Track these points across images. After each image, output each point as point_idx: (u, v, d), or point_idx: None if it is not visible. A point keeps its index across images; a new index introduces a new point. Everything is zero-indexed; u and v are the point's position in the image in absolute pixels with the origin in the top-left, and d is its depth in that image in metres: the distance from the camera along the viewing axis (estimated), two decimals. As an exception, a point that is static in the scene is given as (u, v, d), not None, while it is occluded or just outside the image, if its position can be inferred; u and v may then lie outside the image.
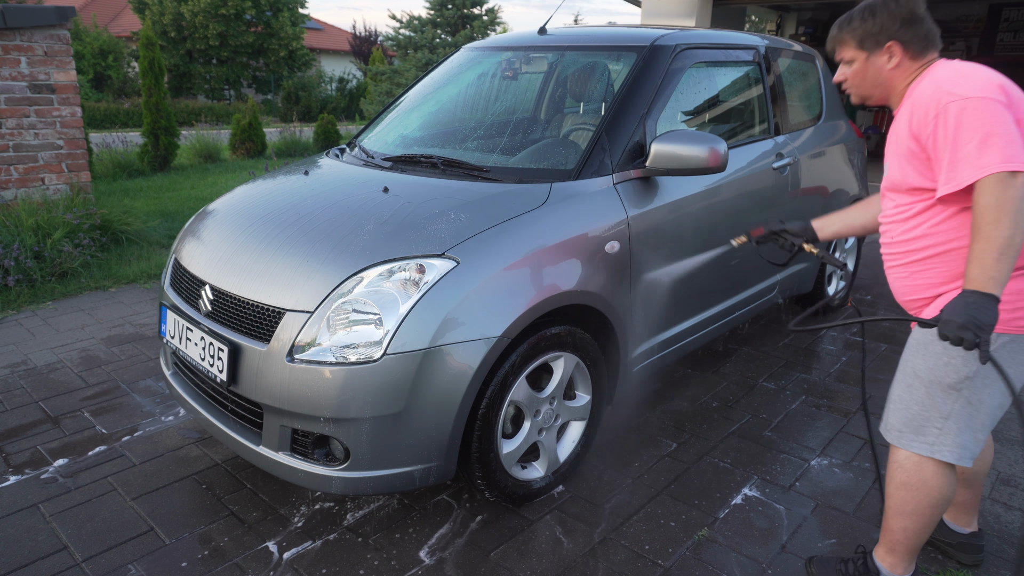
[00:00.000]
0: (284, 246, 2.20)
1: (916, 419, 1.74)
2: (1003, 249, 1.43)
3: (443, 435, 2.02)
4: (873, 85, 1.75)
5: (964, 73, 1.58)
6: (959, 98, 1.51)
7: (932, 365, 1.69)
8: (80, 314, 4.04)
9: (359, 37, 27.43)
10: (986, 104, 1.49)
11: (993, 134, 1.46)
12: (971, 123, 1.48)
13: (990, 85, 1.53)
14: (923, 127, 1.57)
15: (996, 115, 1.48)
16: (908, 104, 1.65)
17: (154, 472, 2.54)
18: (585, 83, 3.01)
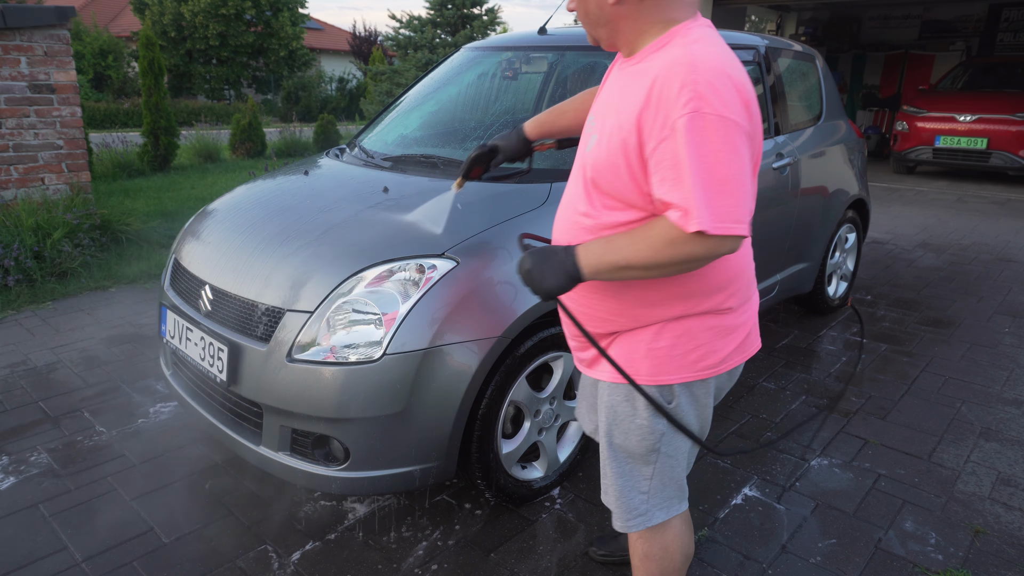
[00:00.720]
0: (284, 246, 2.20)
1: (625, 498, 1.56)
2: (630, 266, 1.26)
3: (443, 435, 2.02)
4: (597, 21, 1.36)
5: (725, 74, 1.21)
6: (712, 113, 1.17)
7: (624, 437, 1.51)
8: (80, 314, 4.04)
9: (359, 37, 27.43)
10: (736, 134, 1.19)
11: (735, 180, 1.18)
12: (715, 153, 1.17)
13: (744, 108, 1.22)
14: (653, 128, 1.22)
15: (742, 154, 1.20)
16: (647, 75, 1.26)
17: (154, 472, 2.54)
18: (585, 83, 3.01)
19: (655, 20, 1.31)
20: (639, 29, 1.33)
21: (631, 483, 1.54)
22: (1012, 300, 4.61)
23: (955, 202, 8.10)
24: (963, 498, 2.46)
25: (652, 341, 1.41)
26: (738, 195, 1.18)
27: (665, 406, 1.45)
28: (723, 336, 1.43)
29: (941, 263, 5.49)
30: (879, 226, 6.73)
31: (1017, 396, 3.24)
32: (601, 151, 1.33)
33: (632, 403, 1.48)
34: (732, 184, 1.18)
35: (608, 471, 1.57)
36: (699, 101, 1.16)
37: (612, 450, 1.54)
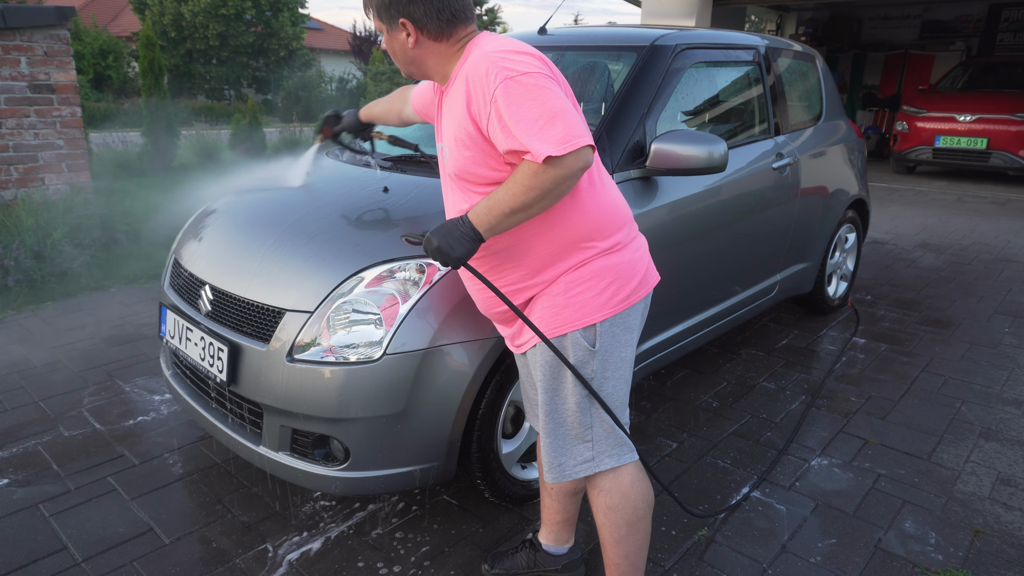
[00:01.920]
0: (284, 246, 2.20)
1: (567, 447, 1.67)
2: (516, 209, 1.44)
3: (443, 435, 2.02)
4: (405, 62, 1.59)
5: (513, 48, 1.46)
6: (517, 74, 1.40)
7: (558, 385, 1.63)
8: (80, 314, 4.04)
9: (359, 37, 27.41)
10: (542, 79, 1.42)
11: (558, 111, 1.39)
12: (532, 99, 1.40)
13: (540, 61, 1.47)
14: (481, 109, 1.44)
15: (554, 92, 1.42)
16: (461, 82, 1.49)
17: (154, 472, 2.54)
18: (585, 83, 3.01)
19: (452, 50, 1.55)
20: (443, 60, 1.56)
21: (574, 433, 1.65)
22: (1012, 300, 4.61)
23: (955, 202, 8.10)
24: (963, 498, 2.46)
25: (566, 291, 1.58)
26: (566, 118, 1.38)
27: (560, 353, 1.58)
28: (626, 271, 1.61)
29: (941, 263, 5.49)
30: (879, 226, 6.73)
31: (1017, 396, 3.24)
32: (455, 152, 1.54)
33: (568, 348, 1.61)
34: (556, 113, 1.38)
35: (549, 429, 1.66)
36: (504, 71, 1.40)
37: (552, 406, 1.65)
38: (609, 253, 1.59)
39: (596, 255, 1.58)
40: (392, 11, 1.50)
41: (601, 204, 1.59)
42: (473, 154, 1.50)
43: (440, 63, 1.56)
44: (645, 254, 1.69)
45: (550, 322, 1.60)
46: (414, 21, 1.50)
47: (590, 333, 1.59)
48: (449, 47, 1.53)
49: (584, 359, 1.61)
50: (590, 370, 1.61)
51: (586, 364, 1.61)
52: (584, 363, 1.61)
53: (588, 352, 1.60)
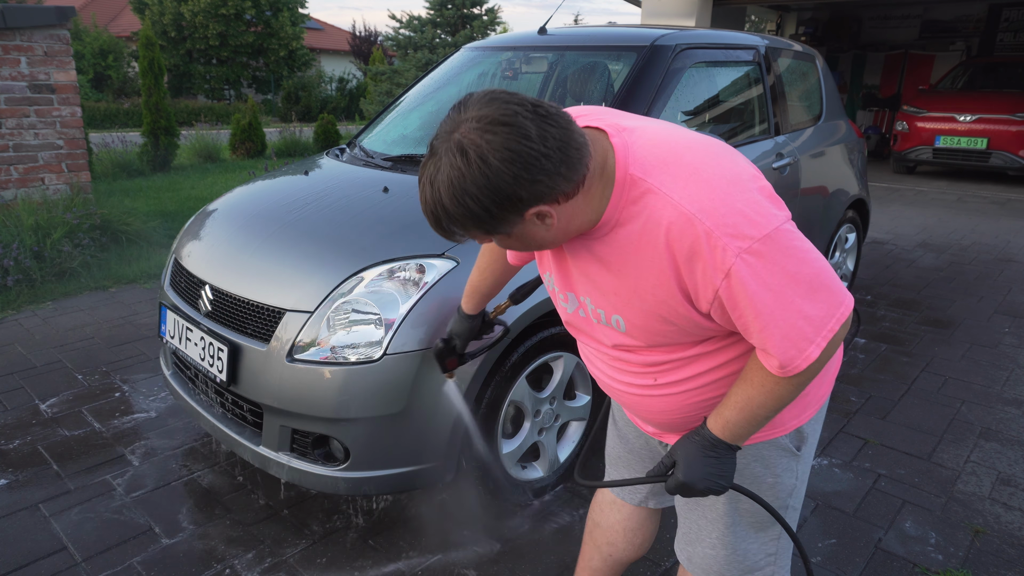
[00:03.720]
0: (284, 246, 2.20)
1: (747, 560, 1.38)
2: (781, 404, 1.15)
3: (443, 435, 2.02)
4: (549, 243, 1.09)
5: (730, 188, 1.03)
6: (767, 234, 1.01)
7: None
8: (80, 314, 4.04)
9: (359, 37, 27.42)
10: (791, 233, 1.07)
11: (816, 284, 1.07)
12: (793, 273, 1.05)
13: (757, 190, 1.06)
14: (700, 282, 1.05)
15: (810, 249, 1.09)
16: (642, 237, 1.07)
17: (154, 472, 2.54)
18: (585, 83, 3.01)
19: (593, 191, 1.05)
20: (588, 210, 1.07)
21: (756, 547, 1.37)
22: (1012, 300, 4.61)
23: (955, 202, 8.10)
24: (963, 498, 2.46)
25: None
26: (818, 302, 1.03)
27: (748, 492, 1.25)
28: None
29: (941, 263, 5.48)
30: (879, 226, 6.73)
31: (1017, 396, 3.24)
32: (636, 329, 1.16)
33: (763, 462, 1.31)
34: (805, 299, 1.02)
35: (727, 540, 1.36)
36: (736, 240, 0.99)
37: (735, 515, 1.35)
38: None
39: None
40: (509, 214, 0.99)
41: None
42: (671, 329, 1.14)
43: (587, 214, 1.07)
44: None
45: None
46: (545, 199, 1.00)
47: (796, 437, 1.31)
48: (587, 191, 1.05)
49: (788, 465, 1.32)
50: (792, 477, 1.33)
51: (790, 471, 1.32)
52: (786, 470, 1.32)
53: (792, 456, 1.31)
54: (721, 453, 1.16)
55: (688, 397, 1.24)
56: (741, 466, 1.31)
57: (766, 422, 1.14)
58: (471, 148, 0.94)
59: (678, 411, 1.27)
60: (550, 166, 0.96)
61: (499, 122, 0.94)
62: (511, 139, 0.94)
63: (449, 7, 11.45)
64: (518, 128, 0.94)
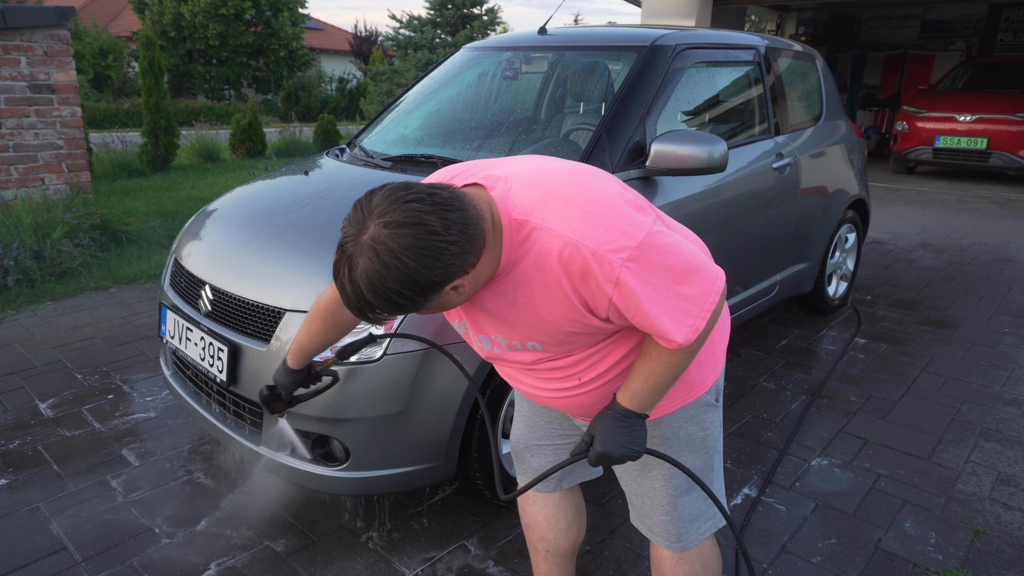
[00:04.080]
0: (284, 246, 2.20)
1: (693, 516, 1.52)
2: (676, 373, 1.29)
3: (443, 435, 2.02)
4: (452, 307, 1.19)
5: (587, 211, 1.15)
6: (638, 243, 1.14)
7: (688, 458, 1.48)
8: (80, 314, 4.04)
9: (359, 37, 27.43)
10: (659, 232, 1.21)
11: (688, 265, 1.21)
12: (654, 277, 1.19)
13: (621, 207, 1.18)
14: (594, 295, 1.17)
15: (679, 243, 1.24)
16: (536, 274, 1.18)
17: (154, 472, 2.54)
18: (585, 83, 3.01)
19: (491, 247, 1.15)
20: (490, 264, 1.16)
21: (696, 498, 1.51)
22: (1012, 300, 4.61)
23: (955, 202, 8.10)
24: (963, 498, 2.46)
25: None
26: (694, 284, 1.16)
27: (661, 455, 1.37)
28: (722, 332, 1.48)
29: (941, 263, 5.49)
30: (879, 226, 6.73)
31: (1017, 396, 3.24)
32: (551, 345, 1.28)
33: (694, 420, 1.46)
34: (683, 284, 1.15)
35: (674, 502, 1.49)
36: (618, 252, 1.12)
37: (674, 481, 1.47)
38: None
39: None
40: (428, 295, 1.08)
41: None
42: (578, 339, 1.27)
43: (489, 266, 1.17)
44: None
45: (688, 389, 1.42)
46: (457, 275, 1.09)
47: (715, 392, 1.47)
48: (487, 251, 1.14)
49: (713, 416, 1.48)
50: (717, 426, 1.49)
51: (715, 420, 1.49)
52: (714, 420, 1.49)
53: (714, 407, 1.47)
54: (632, 422, 1.28)
55: (613, 385, 1.37)
56: (676, 429, 1.45)
57: (667, 389, 1.28)
58: (383, 251, 1.02)
59: (607, 400, 1.39)
60: (457, 250, 1.06)
61: (405, 224, 1.02)
62: (419, 238, 1.02)
63: (449, 7, 11.45)
64: (423, 227, 1.02)
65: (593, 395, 1.38)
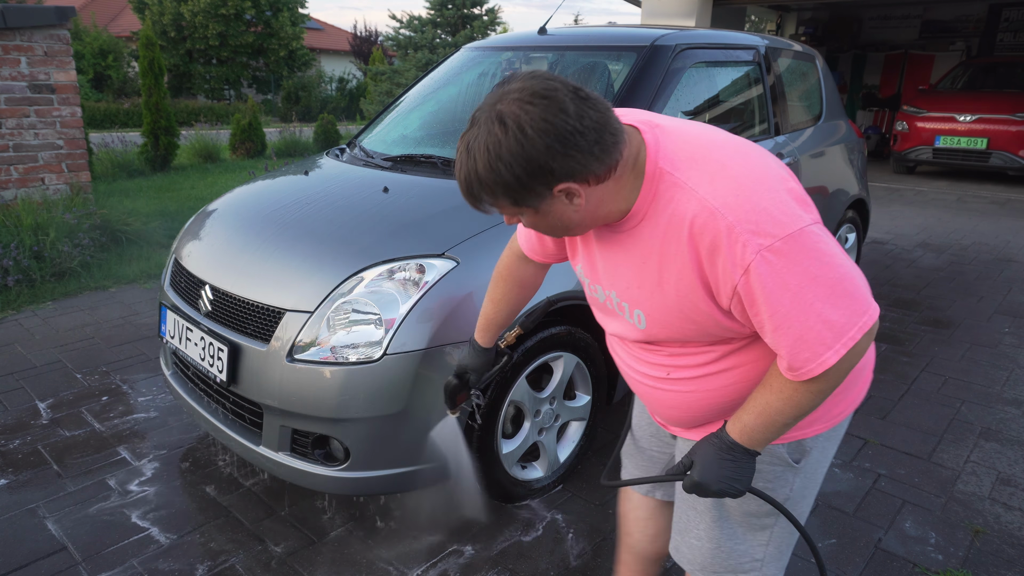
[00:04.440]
0: (284, 246, 2.20)
1: (732, 559, 1.36)
2: (804, 412, 1.14)
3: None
4: (575, 226, 1.11)
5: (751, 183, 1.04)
6: (791, 233, 1.00)
7: (741, 501, 1.31)
8: (80, 314, 4.04)
9: (359, 37, 27.42)
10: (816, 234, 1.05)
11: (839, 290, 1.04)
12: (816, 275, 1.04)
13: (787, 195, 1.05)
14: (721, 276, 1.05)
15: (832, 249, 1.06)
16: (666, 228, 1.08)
17: (153, 472, 2.54)
18: (585, 83, 3.00)
19: (624, 179, 1.07)
20: (619, 198, 1.08)
21: (743, 548, 1.34)
22: (1012, 300, 4.61)
23: (955, 202, 8.10)
24: (963, 498, 2.46)
25: None
26: (840, 308, 1.00)
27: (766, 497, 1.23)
28: (859, 371, 1.25)
29: (941, 263, 5.48)
30: (879, 226, 6.73)
31: (1017, 396, 3.24)
32: (656, 324, 1.17)
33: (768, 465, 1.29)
34: (826, 303, 1.00)
35: (713, 534, 1.35)
36: (757, 237, 0.99)
37: (722, 510, 1.33)
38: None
39: None
40: (538, 186, 1.01)
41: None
42: (697, 325, 1.14)
43: (616, 203, 1.09)
44: (870, 359, 1.28)
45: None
46: (576, 176, 1.01)
47: (797, 449, 1.27)
48: (619, 180, 1.06)
49: (779, 481, 1.28)
50: (788, 489, 1.29)
51: (785, 482, 1.28)
52: (779, 476, 1.28)
53: (788, 471, 1.28)
54: (738, 457, 1.15)
55: (700, 397, 1.23)
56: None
57: (785, 429, 1.13)
58: (510, 118, 0.97)
59: (688, 409, 1.27)
60: (584, 144, 0.98)
61: (539, 95, 0.97)
62: (549, 112, 0.96)
63: (449, 7, 11.45)
64: (557, 102, 0.97)
65: (674, 397, 1.25)
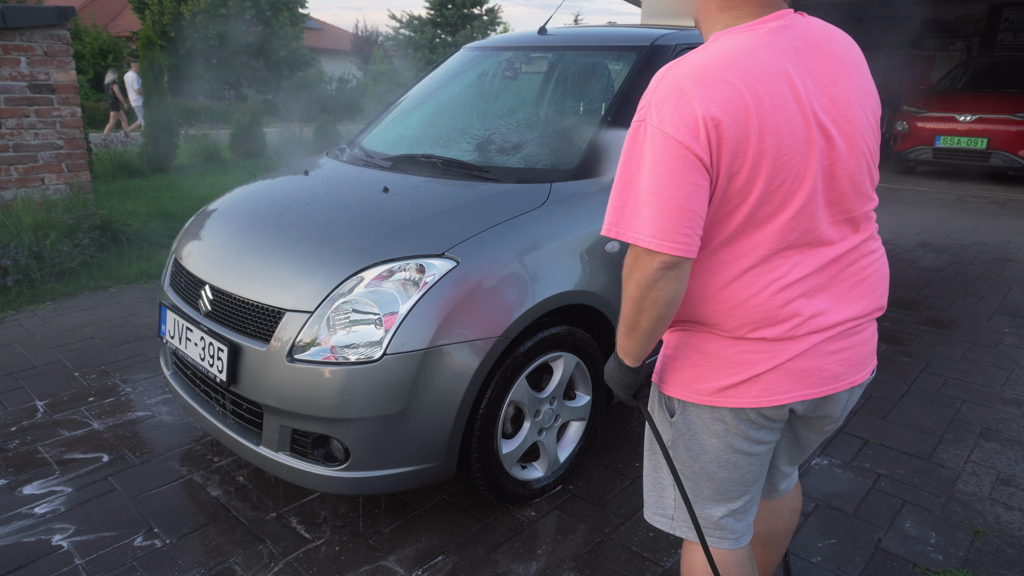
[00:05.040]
0: (284, 246, 2.20)
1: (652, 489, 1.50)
2: (629, 328, 1.25)
3: (443, 435, 2.02)
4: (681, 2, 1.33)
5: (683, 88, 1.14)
6: (644, 120, 1.16)
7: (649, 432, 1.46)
8: (80, 314, 4.04)
9: (359, 37, 27.43)
10: (664, 146, 1.12)
11: (655, 193, 1.13)
12: (636, 167, 1.16)
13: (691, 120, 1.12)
14: None
15: (668, 166, 1.12)
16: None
17: (154, 472, 2.54)
18: (585, 83, 3.01)
19: (713, 21, 1.26)
20: (706, 25, 1.28)
21: (658, 479, 1.47)
22: (1012, 300, 4.61)
23: (955, 202, 8.10)
24: (963, 498, 2.46)
25: (666, 347, 1.38)
26: (649, 210, 1.13)
27: (645, 412, 1.41)
28: (718, 364, 1.29)
29: (941, 263, 5.48)
30: (879, 226, 6.72)
31: (1017, 396, 3.24)
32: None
33: (655, 404, 1.44)
34: (645, 197, 1.13)
35: (647, 467, 1.50)
36: (644, 111, 1.16)
37: (648, 444, 1.49)
38: (712, 335, 1.29)
39: (695, 323, 1.30)
40: None
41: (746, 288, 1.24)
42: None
43: (705, 29, 1.29)
44: (773, 363, 1.26)
45: (657, 369, 1.42)
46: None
47: (671, 403, 1.38)
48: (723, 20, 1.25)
49: (663, 423, 1.41)
50: (668, 437, 1.40)
51: (664, 430, 1.41)
52: (663, 426, 1.41)
53: (666, 420, 1.40)
54: (614, 362, 1.35)
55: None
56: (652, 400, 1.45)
57: (628, 343, 1.27)
58: None
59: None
60: None
61: None
62: None
63: (449, 7, 11.45)
64: None
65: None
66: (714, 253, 1.23)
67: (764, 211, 1.19)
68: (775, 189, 1.17)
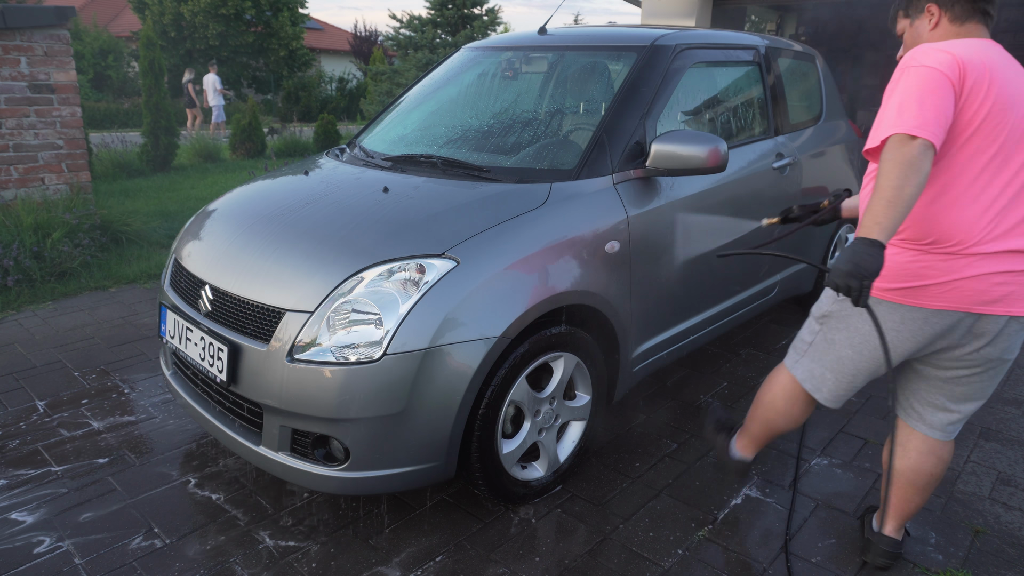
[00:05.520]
0: (284, 246, 2.20)
1: (797, 341, 2.11)
2: (891, 199, 1.53)
3: (443, 435, 2.02)
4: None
5: (941, 47, 1.66)
6: (911, 65, 1.63)
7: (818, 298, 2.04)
8: (80, 314, 4.04)
9: (359, 37, 27.44)
10: (926, 73, 1.59)
11: (910, 100, 1.56)
12: (904, 89, 1.60)
13: (948, 59, 1.61)
14: None
15: (928, 84, 1.57)
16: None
17: (154, 472, 2.54)
18: (585, 83, 3.01)
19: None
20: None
21: (802, 334, 2.08)
22: (1012, 300, 4.60)
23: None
24: (963, 498, 2.46)
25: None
26: (910, 109, 1.55)
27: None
28: (902, 270, 1.75)
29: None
30: (879, 226, 6.72)
31: (1017, 396, 3.24)
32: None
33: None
34: (908, 103, 1.55)
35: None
36: (909, 58, 1.65)
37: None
38: (905, 247, 1.75)
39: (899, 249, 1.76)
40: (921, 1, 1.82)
41: (946, 211, 1.68)
42: None
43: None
44: (950, 277, 1.71)
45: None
46: (940, 4, 1.78)
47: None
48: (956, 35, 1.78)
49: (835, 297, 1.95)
50: (836, 311, 1.95)
51: (835, 303, 1.95)
52: (834, 300, 1.95)
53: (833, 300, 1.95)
54: (861, 246, 1.55)
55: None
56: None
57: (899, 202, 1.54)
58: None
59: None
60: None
61: None
62: None
63: (449, 7, 11.44)
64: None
65: None
66: None
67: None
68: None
